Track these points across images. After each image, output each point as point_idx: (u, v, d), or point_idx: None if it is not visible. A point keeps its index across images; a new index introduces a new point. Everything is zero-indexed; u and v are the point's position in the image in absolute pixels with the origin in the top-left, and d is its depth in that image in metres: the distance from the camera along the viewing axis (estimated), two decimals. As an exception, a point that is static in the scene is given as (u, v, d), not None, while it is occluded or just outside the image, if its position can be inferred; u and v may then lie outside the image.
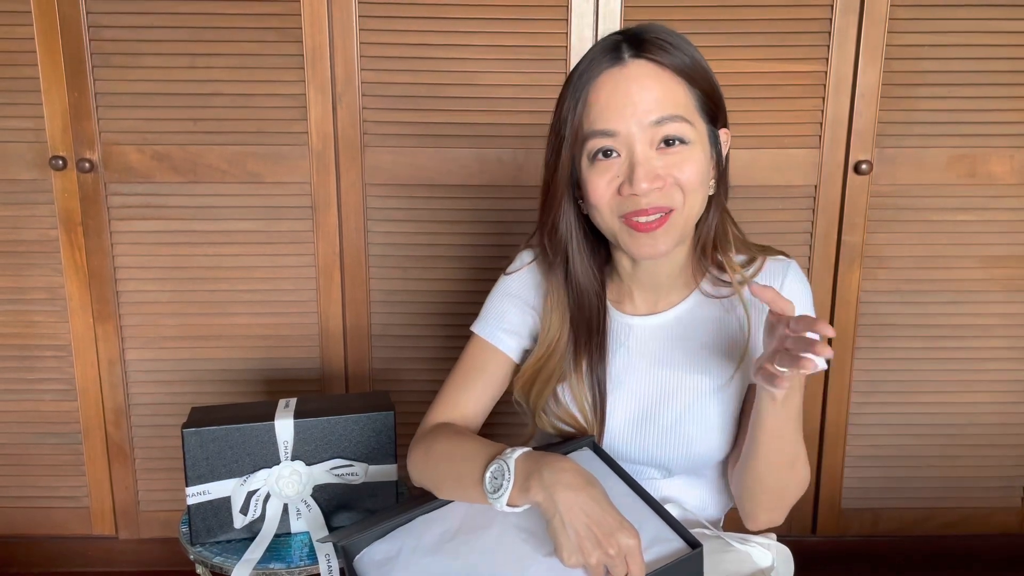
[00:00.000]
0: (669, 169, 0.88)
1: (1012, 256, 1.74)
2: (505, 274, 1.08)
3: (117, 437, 1.79)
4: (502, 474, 0.86)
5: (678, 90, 0.88)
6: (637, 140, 0.87)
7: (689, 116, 0.88)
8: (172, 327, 1.75)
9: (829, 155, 1.68)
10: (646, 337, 1.01)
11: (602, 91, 0.88)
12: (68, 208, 1.68)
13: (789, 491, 0.95)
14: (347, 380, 1.78)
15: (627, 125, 0.87)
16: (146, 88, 1.63)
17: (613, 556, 0.78)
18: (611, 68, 0.88)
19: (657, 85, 0.87)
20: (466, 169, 1.68)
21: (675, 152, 0.88)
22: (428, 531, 0.89)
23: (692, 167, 0.89)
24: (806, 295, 1.00)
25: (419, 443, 1.02)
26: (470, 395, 1.05)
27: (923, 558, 1.90)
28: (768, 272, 0.99)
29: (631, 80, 0.87)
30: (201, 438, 1.16)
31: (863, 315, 1.76)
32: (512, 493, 0.84)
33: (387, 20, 1.61)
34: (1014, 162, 1.70)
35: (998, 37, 1.64)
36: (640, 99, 0.87)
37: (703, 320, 1.00)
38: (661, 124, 0.87)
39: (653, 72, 0.87)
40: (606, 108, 0.88)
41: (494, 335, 1.06)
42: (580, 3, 1.60)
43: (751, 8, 1.61)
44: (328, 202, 1.69)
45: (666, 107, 0.87)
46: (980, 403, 1.81)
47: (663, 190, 0.89)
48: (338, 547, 0.91)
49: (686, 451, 0.99)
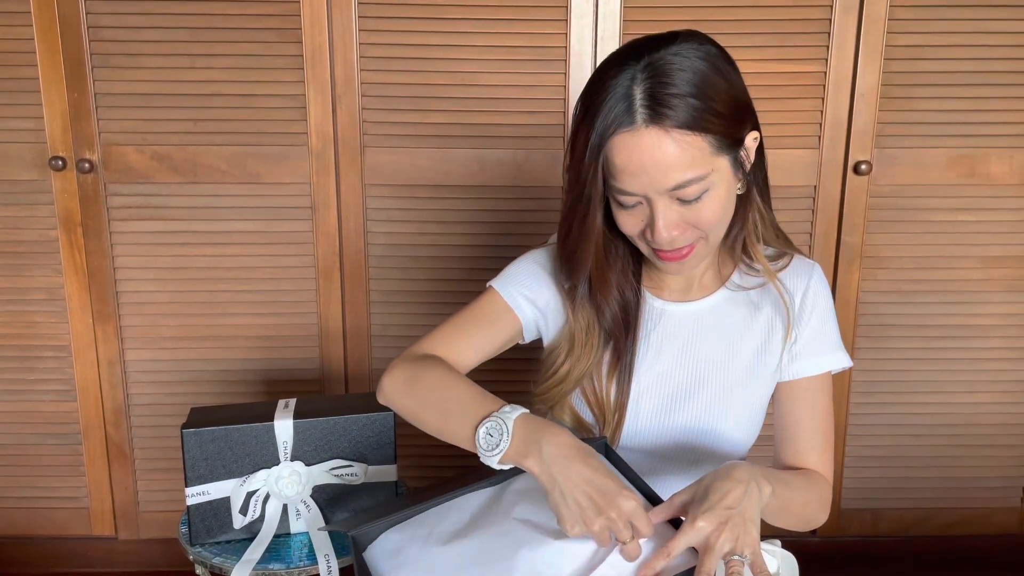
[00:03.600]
0: (687, 217, 0.89)
1: (1012, 256, 1.74)
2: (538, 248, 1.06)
3: (117, 438, 1.79)
4: (500, 433, 0.84)
5: (693, 147, 0.85)
6: (655, 198, 0.87)
7: (706, 168, 0.86)
8: (172, 327, 1.75)
9: (829, 155, 1.68)
10: (678, 324, 1.02)
11: (618, 155, 0.86)
12: (68, 208, 1.68)
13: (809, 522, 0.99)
14: (347, 380, 1.78)
15: (644, 189, 0.87)
16: (146, 88, 1.63)
17: (616, 519, 0.78)
18: (625, 131, 0.85)
19: (669, 155, 0.85)
20: (466, 169, 1.68)
21: (695, 204, 0.88)
22: (440, 523, 0.88)
23: (711, 210, 0.89)
24: (828, 297, 1.02)
25: (405, 365, 0.98)
26: (468, 342, 1.01)
27: (923, 558, 1.90)
28: (794, 269, 1.01)
29: (642, 152, 0.85)
30: (201, 439, 1.16)
31: (863, 315, 1.76)
32: (507, 454, 0.83)
33: (387, 20, 1.61)
34: (1014, 162, 1.70)
35: (998, 37, 1.64)
36: (654, 169, 0.85)
37: (733, 310, 1.01)
38: (677, 190, 0.86)
39: (664, 140, 0.84)
40: (623, 172, 0.87)
41: (512, 296, 1.02)
42: (580, 3, 1.60)
43: (751, 8, 1.61)
44: (328, 202, 1.69)
45: (682, 172, 0.85)
46: (980, 403, 1.81)
47: (685, 233, 0.90)
48: (347, 537, 0.90)
49: (712, 440, 1.00)
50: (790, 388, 1.02)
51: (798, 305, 1.00)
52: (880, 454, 1.83)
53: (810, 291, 1.00)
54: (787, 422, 1.02)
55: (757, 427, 1.04)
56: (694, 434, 1.00)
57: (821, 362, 1.01)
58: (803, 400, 1.01)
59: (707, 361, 1.01)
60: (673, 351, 1.01)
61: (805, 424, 1.01)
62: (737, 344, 1.01)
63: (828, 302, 1.02)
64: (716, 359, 1.01)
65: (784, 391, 1.02)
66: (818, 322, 1.00)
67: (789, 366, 1.01)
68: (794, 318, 0.99)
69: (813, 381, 1.01)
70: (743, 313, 1.01)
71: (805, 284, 1.00)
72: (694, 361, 1.01)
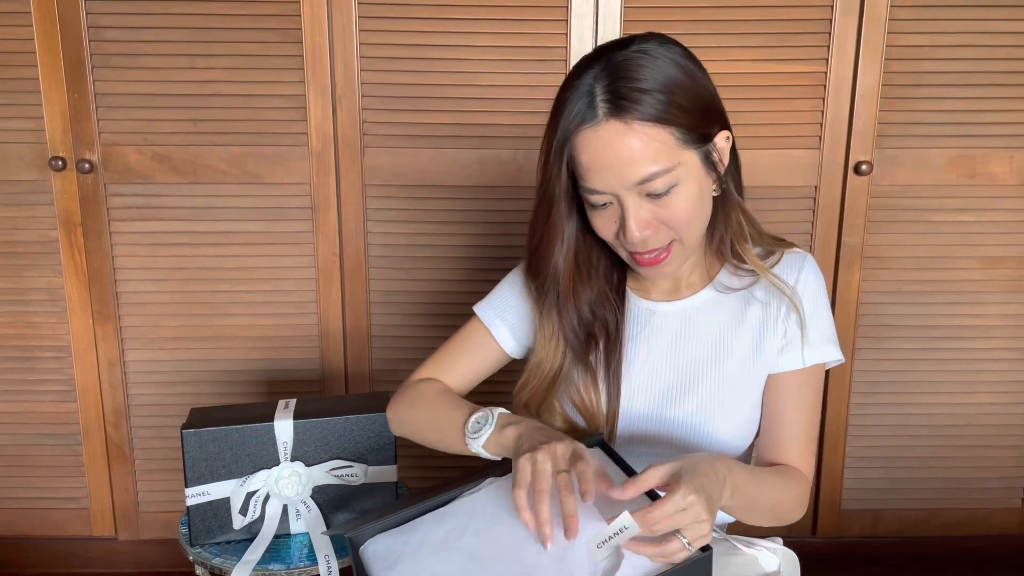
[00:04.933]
0: (658, 214, 0.89)
1: (1012, 256, 1.74)
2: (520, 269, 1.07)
3: (117, 438, 1.79)
4: (486, 421, 0.92)
5: (656, 139, 0.85)
6: (623, 195, 0.88)
7: (672, 161, 0.86)
8: (172, 328, 1.74)
9: (829, 156, 1.68)
10: (667, 323, 1.02)
11: (583, 152, 0.87)
12: (68, 209, 1.68)
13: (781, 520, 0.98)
14: (347, 381, 1.78)
15: (611, 186, 0.87)
16: (146, 89, 1.63)
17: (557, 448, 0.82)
18: (587, 127, 0.86)
19: (633, 148, 0.85)
20: (466, 169, 1.68)
21: (664, 199, 0.88)
22: (435, 529, 0.88)
23: (681, 206, 0.88)
24: (820, 287, 1.01)
25: (403, 393, 1.08)
26: (455, 370, 1.09)
27: (923, 559, 1.90)
28: (785, 264, 1.00)
29: (607, 146, 0.85)
30: (201, 439, 1.16)
31: (863, 316, 1.76)
32: (490, 438, 0.91)
33: (387, 20, 1.61)
34: (1014, 162, 1.70)
35: (998, 37, 1.64)
36: (618, 164, 0.85)
37: (722, 309, 1.01)
38: (643, 183, 0.86)
39: (627, 133, 0.84)
40: (588, 169, 0.87)
41: (492, 322, 1.07)
42: (580, 3, 1.60)
43: (751, 8, 1.61)
44: (328, 203, 1.69)
45: (646, 166, 0.85)
46: (980, 403, 1.81)
47: (658, 232, 0.90)
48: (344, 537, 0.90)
49: (707, 439, 0.99)
50: (776, 381, 1.00)
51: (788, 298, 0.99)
52: (880, 454, 1.83)
53: (799, 282, 0.99)
54: (770, 416, 1.01)
55: (755, 425, 1.02)
56: (688, 433, 1.00)
57: (809, 354, 0.99)
58: (787, 394, 0.99)
59: (698, 359, 1.00)
60: (662, 350, 1.01)
61: (788, 418, 0.99)
62: (730, 342, 1.00)
63: (819, 292, 1.00)
64: (707, 357, 1.00)
65: (771, 384, 1.00)
66: (807, 314, 0.99)
67: (777, 358, 0.99)
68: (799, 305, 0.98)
69: (799, 375, 0.99)
70: (733, 311, 1.01)
71: (796, 276, 0.99)
72: (685, 360, 1.00)
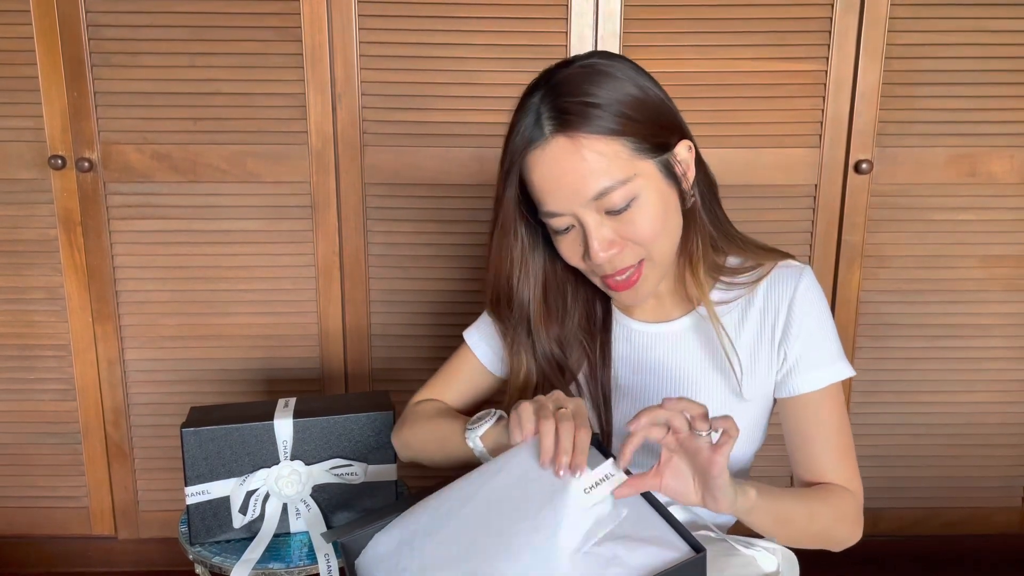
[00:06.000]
0: (621, 231, 0.85)
1: (1012, 256, 1.74)
2: None
3: (116, 437, 1.79)
4: (487, 415, 0.92)
5: (607, 153, 0.82)
6: (582, 214, 0.85)
7: (626, 173, 0.82)
8: (171, 327, 1.74)
9: (829, 155, 1.68)
10: (657, 343, 0.99)
11: (533, 173, 0.85)
12: (67, 208, 1.68)
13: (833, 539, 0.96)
14: (347, 380, 1.78)
15: (567, 206, 0.84)
16: (146, 88, 1.63)
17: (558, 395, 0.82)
18: (535, 148, 0.83)
19: (583, 163, 0.81)
20: (466, 169, 1.68)
21: (624, 215, 0.84)
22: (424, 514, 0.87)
23: (645, 220, 0.85)
24: (822, 304, 0.96)
25: (406, 415, 1.11)
26: (449, 395, 1.12)
27: (923, 558, 1.90)
28: (775, 279, 0.95)
29: (555, 163, 0.82)
30: (200, 438, 1.16)
31: (863, 315, 1.76)
32: (488, 430, 0.90)
33: (387, 20, 1.61)
34: (1014, 162, 1.70)
35: (998, 37, 1.64)
36: (570, 182, 0.82)
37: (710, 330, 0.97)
38: (600, 199, 0.83)
39: (576, 148, 0.81)
40: (542, 191, 0.85)
41: (479, 347, 1.09)
42: (580, 3, 1.60)
43: (751, 8, 1.60)
44: (328, 202, 1.69)
45: (599, 179, 0.82)
46: (980, 403, 1.81)
47: (623, 251, 0.86)
48: (338, 545, 0.90)
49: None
50: (793, 404, 0.96)
51: (785, 316, 0.94)
52: (880, 454, 1.83)
53: (797, 300, 0.94)
54: (796, 439, 0.97)
55: (753, 445, 1.00)
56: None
57: (821, 375, 0.95)
58: (808, 415, 0.96)
59: (690, 379, 0.98)
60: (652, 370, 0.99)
61: (813, 435, 0.96)
62: (722, 359, 0.96)
63: (821, 310, 0.95)
64: (698, 376, 0.97)
65: (788, 408, 0.97)
66: (810, 332, 0.94)
67: (786, 382, 0.96)
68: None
69: (815, 396, 0.95)
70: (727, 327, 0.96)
71: (791, 292, 0.94)
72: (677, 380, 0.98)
